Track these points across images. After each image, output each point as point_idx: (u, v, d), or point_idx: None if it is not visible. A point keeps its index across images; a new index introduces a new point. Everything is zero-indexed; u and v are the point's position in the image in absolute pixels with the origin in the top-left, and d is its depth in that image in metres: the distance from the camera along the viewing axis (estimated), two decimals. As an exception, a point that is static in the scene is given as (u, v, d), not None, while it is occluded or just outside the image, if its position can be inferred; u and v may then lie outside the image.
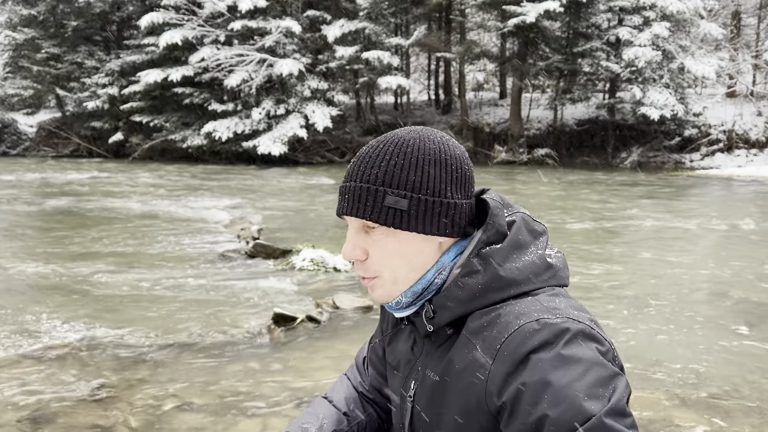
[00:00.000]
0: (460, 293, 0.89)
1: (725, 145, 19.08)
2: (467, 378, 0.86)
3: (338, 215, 0.93)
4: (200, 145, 21.32)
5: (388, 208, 0.89)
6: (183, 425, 2.67)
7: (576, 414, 0.74)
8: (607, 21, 19.97)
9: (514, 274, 0.89)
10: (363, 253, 0.92)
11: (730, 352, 3.62)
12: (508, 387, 0.79)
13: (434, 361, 0.94)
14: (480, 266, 0.89)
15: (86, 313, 4.28)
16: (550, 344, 0.79)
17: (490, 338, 0.84)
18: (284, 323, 3.97)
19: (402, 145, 0.90)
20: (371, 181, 0.89)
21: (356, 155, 0.94)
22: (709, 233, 7.76)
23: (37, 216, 9.39)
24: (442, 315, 0.91)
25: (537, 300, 0.87)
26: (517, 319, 0.83)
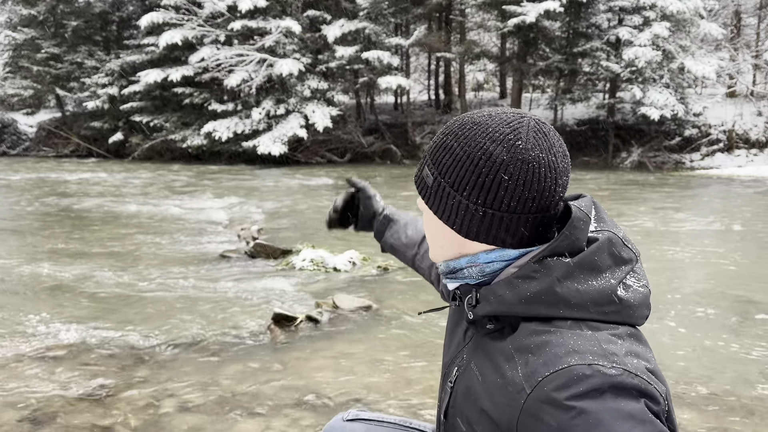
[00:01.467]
0: (506, 293, 0.85)
1: (725, 145, 19.08)
2: (503, 396, 0.80)
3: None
4: (200, 145, 21.32)
5: (422, 179, 0.95)
6: (183, 425, 2.67)
7: None
8: (607, 21, 19.97)
9: (571, 295, 0.81)
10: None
11: (730, 351, 3.62)
12: (541, 424, 0.74)
13: (480, 357, 0.90)
14: (537, 274, 0.83)
15: (86, 313, 4.28)
16: (597, 394, 0.72)
17: (534, 365, 0.77)
18: (284, 323, 3.97)
19: (463, 127, 0.90)
20: (426, 150, 0.96)
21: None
22: (708, 233, 7.76)
23: (37, 216, 9.39)
24: (483, 307, 0.89)
25: (596, 338, 0.78)
26: (569, 357, 0.75)
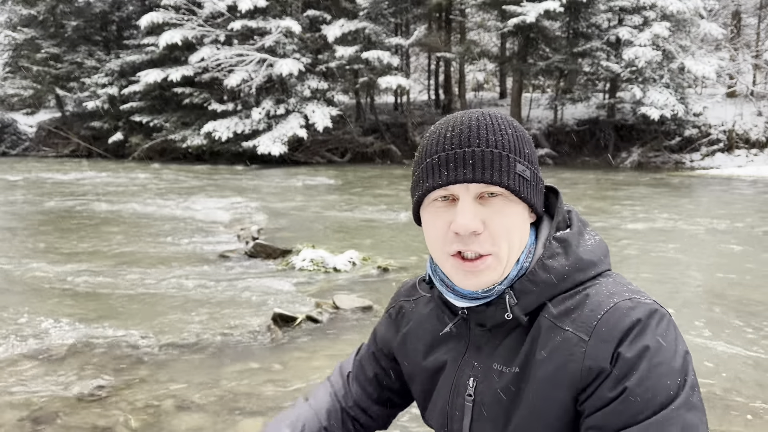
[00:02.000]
0: (547, 276, 0.88)
1: (725, 145, 19.07)
2: (558, 359, 0.84)
3: (447, 184, 0.86)
4: (200, 145, 21.32)
5: (518, 176, 0.86)
6: (183, 425, 2.67)
7: (669, 382, 0.79)
8: (607, 21, 19.96)
9: (592, 255, 0.90)
10: (482, 225, 0.85)
11: (730, 351, 3.62)
12: (606, 356, 0.81)
13: (503, 354, 0.91)
14: (560, 249, 0.90)
15: (86, 313, 4.28)
16: (644, 322, 0.81)
17: (582, 317, 0.84)
18: (284, 323, 3.97)
19: (506, 119, 0.90)
20: (500, 147, 0.86)
21: (452, 125, 0.89)
22: (709, 233, 7.76)
23: (37, 216, 9.39)
24: (527, 300, 0.88)
25: (618, 281, 0.88)
26: (610, 298, 0.84)
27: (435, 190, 0.87)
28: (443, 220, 0.87)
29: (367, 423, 1.16)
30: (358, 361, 1.19)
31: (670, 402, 0.78)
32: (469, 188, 0.85)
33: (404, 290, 1.14)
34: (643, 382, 0.78)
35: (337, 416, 1.14)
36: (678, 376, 0.79)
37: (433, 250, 0.91)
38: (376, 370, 1.15)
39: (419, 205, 0.92)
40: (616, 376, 0.80)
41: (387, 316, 1.14)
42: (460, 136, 0.86)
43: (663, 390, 0.78)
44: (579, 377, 0.82)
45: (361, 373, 1.17)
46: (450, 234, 0.86)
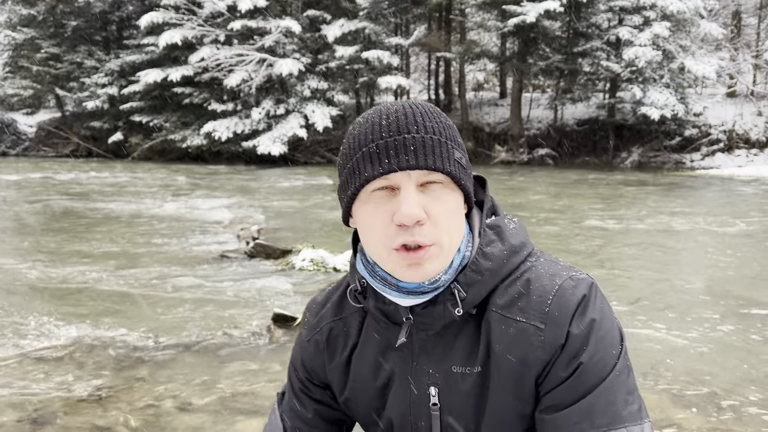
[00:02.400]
0: (490, 264, 0.88)
1: (725, 145, 19.06)
2: (518, 351, 0.85)
3: (389, 172, 0.81)
4: (200, 145, 21.31)
5: (456, 162, 0.85)
6: (183, 425, 2.66)
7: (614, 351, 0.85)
8: (608, 21, 19.95)
9: (520, 237, 0.92)
10: (424, 213, 0.82)
11: (731, 351, 3.61)
12: (562, 337, 0.84)
13: (459, 355, 0.89)
14: (495, 236, 0.90)
15: (86, 313, 4.28)
16: (587, 298, 0.86)
17: (532, 305, 0.85)
18: (284, 323, 3.97)
19: (436, 108, 0.88)
20: (438, 134, 0.84)
21: (385, 113, 0.85)
22: (709, 233, 7.76)
23: (37, 216, 9.38)
24: (475, 292, 0.87)
25: (550, 261, 0.91)
26: (552, 281, 0.87)
27: (375, 180, 0.82)
28: (384, 212, 0.83)
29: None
30: (288, 412, 1.07)
31: (614, 368, 0.84)
32: (411, 176, 0.82)
33: (328, 310, 1.02)
34: (594, 356, 0.83)
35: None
36: (619, 343, 0.86)
37: (374, 245, 0.86)
38: (315, 407, 1.05)
39: (353, 200, 0.86)
40: (571, 354, 0.83)
41: (314, 344, 1.02)
42: (397, 123, 0.83)
43: (610, 359, 0.84)
44: (541, 364, 0.85)
45: (297, 419, 1.05)
46: (392, 227, 0.82)
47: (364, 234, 0.87)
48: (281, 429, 1.05)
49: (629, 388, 0.85)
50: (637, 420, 0.83)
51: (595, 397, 0.82)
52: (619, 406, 0.82)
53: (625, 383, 0.84)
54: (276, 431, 1.06)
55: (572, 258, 6.26)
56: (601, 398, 0.82)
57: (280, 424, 1.06)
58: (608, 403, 0.82)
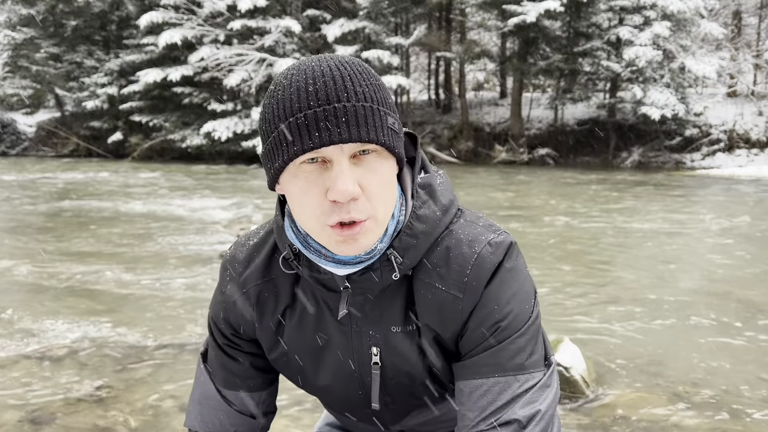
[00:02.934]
0: (424, 227, 0.87)
1: (726, 145, 19.05)
2: (440, 315, 0.89)
3: (321, 146, 0.75)
4: (200, 144, 21.31)
5: (390, 129, 0.80)
6: (182, 425, 2.66)
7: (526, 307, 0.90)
8: (608, 20, 19.95)
9: (448, 195, 0.91)
10: (359, 188, 0.78)
11: (731, 351, 3.61)
12: (477, 301, 0.88)
13: (395, 316, 0.92)
14: (426, 195, 0.89)
15: (86, 313, 4.27)
16: (504, 261, 0.89)
17: (452, 274, 0.88)
18: (284, 323, 3.96)
19: (363, 65, 0.82)
20: (370, 100, 0.78)
21: (311, 74, 0.78)
22: (709, 233, 7.75)
23: (37, 216, 9.38)
24: (411, 255, 0.86)
25: (471, 221, 0.92)
26: (471, 248, 0.88)
27: (305, 154, 0.77)
28: (317, 186, 0.78)
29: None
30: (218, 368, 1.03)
31: (525, 323, 0.89)
32: (344, 149, 0.77)
33: (254, 270, 0.96)
34: (509, 314, 0.88)
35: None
36: (531, 298, 0.91)
37: (307, 219, 0.81)
38: (249, 359, 1.01)
39: (280, 172, 0.80)
40: (485, 313, 0.88)
41: (241, 304, 0.97)
42: (326, 89, 0.76)
43: (522, 315, 0.89)
44: (460, 324, 0.89)
45: (230, 373, 1.02)
46: (326, 203, 0.78)
47: (296, 208, 0.83)
48: (212, 385, 1.02)
49: (536, 342, 0.90)
50: (540, 367, 0.89)
51: (506, 348, 0.87)
52: (526, 355, 0.88)
53: (533, 342, 0.89)
54: (207, 389, 1.03)
55: (570, 259, 6.26)
56: (510, 349, 0.87)
57: (210, 382, 1.03)
58: (517, 352, 0.87)
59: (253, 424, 1.04)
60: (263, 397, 1.04)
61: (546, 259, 6.03)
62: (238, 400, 1.02)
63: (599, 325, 4.05)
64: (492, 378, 0.87)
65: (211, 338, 1.04)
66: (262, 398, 1.04)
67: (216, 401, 1.02)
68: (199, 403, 1.04)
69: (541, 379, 0.89)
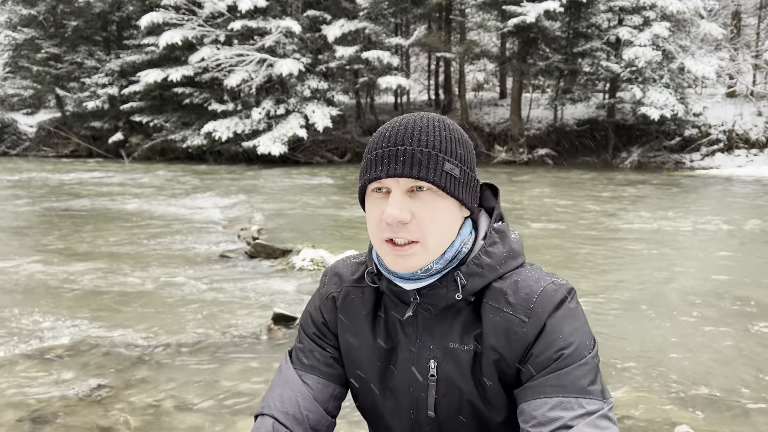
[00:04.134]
0: (490, 261, 1.02)
1: (725, 145, 19.06)
2: (503, 338, 0.99)
3: (382, 177, 0.96)
4: (200, 145, 21.30)
5: (446, 174, 0.97)
6: (182, 425, 2.67)
7: (587, 343, 1.00)
8: (607, 21, 19.95)
9: (518, 246, 1.06)
10: (409, 215, 0.96)
11: (730, 351, 3.62)
12: (540, 327, 0.98)
13: (456, 335, 1.03)
14: (498, 239, 1.04)
15: (86, 313, 4.28)
16: (567, 299, 1.00)
17: (519, 300, 0.99)
18: (284, 323, 3.97)
19: (443, 122, 1.01)
20: (430, 147, 0.96)
21: (393, 125, 0.99)
22: (709, 233, 7.76)
23: (37, 216, 9.39)
24: (474, 281, 1.01)
25: (537, 268, 1.06)
26: (538, 283, 1.01)
27: (372, 183, 0.98)
28: (378, 209, 0.98)
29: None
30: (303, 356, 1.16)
31: (585, 357, 0.97)
32: (400, 182, 0.96)
33: (350, 276, 1.16)
34: (570, 344, 0.97)
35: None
36: (591, 340, 1.00)
37: (371, 235, 1.01)
38: (329, 353, 1.15)
39: (363, 193, 1.02)
40: (548, 341, 0.97)
41: (331, 300, 1.15)
42: (396, 136, 0.97)
43: (582, 348, 0.98)
44: (522, 348, 0.99)
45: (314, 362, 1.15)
46: (383, 223, 0.97)
47: (368, 225, 1.03)
48: (295, 371, 1.15)
49: (596, 375, 0.98)
50: (600, 398, 0.97)
51: (569, 373, 0.96)
52: (587, 382, 0.96)
53: (593, 373, 0.98)
54: (290, 375, 1.15)
55: (570, 259, 6.27)
56: (573, 373, 0.96)
57: (293, 369, 1.16)
58: (578, 378, 0.96)
59: (322, 415, 1.14)
60: (336, 391, 1.16)
61: (545, 259, 6.04)
62: (315, 385, 1.15)
63: (599, 325, 4.05)
64: (556, 397, 0.95)
65: (302, 331, 1.20)
66: (336, 392, 1.16)
67: (296, 383, 1.14)
68: (280, 386, 1.16)
69: (602, 408, 0.95)
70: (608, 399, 0.98)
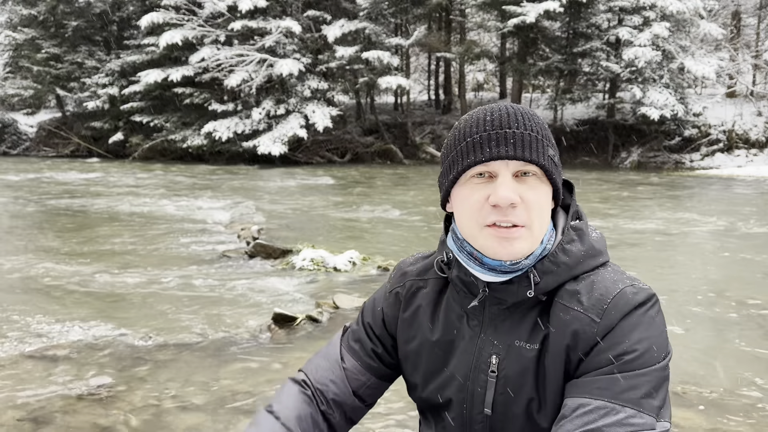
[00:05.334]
0: (567, 259, 0.97)
1: (725, 145, 19.06)
2: (572, 337, 0.94)
3: (488, 160, 0.93)
4: (200, 145, 21.31)
5: (549, 158, 0.95)
6: (182, 425, 2.67)
7: (655, 355, 0.93)
8: (607, 21, 19.95)
9: (600, 245, 1.02)
10: (519, 198, 0.93)
11: (730, 351, 3.62)
12: (611, 328, 0.92)
13: (522, 332, 0.99)
14: (576, 237, 1.00)
15: (86, 313, 4.28)
16: (645, 305, 0.94)
17: (593, 300, 0.94)
18: (284, 323, 3.97)
19: (533, 111, 0.99)
20: (536, 131, 0.95)
21: (489, 111, 0.97)
22: (708, 233, 7.76)
23: (37, 216, 9.39)
24: (548, 280, 0.97)
25: (618, 270, 1.00)
26: (615, 285, 0.96)
27: (475, 166, 0.94)
28: (481, 194, 0.94)
29: (338, 423, 1.14)
30: (353, 338, 1.19)
31: (651, 367, 0.91)
32: (509, 165, 0.93)
33: (414, 270, 1.15)
34: (635, 351, 0.91)
35: (308, 421, 1.10)
36: (663, 352, 0.94)
37: (467, 222, 0.97)
38: (373, 346, 1.17)
39: (453, 184, 0.98)
40: (614, 342, 0.92)
41: (394, 295, 1.15)
42: (500, 119, 0.95)
43: (648, 359, 0.91)
44: (588, 347, 0.93)
45: (358, 347, 1.17)
46: (487, 207, 0.94)
47: (460, 213, 0.99)
48: (340, 347, 1.18)
49: (658, 390, 0.91)
50: (653, 413, 0.89)
51: (624, 379, 0.90)
52: (641, 393, 0.89)
53: (652, 386, 0.90)
54: (334, 349, 1.19)
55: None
56: (628, 381, 0.90)
57: (339, 344, 1.19)
58: (632, 387, 0.89)
59: (350, 397, 1.15)
60: (371, 382, 1.16)
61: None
62: (352, 368, 1.16)
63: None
64: (600, 400, 0.89)
65: (361, 315, 1.21)
66: (370, 382, 1.16)
67: (335, 359, 1.17)
68: (323, 357, 1.19)
69: (649, 426, 0.88)
70: (663, 420, 0.90)
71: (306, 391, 1.14)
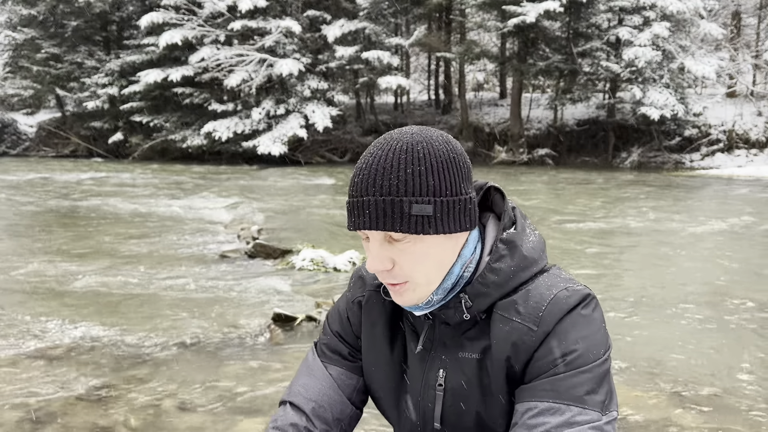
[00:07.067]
0: (495, 278, 0.97)
1: (725, 145, 19.06)
2: (511, 347, 0.96)
3: (354, 230, 0.93)
4: (200, 145, 21.31)
5: (415, 217, 0.90)
6: (183, 425, 2.67)
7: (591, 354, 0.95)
8: (607, 21, 19.95)
9: (533, 253, 1.00)
10: (390, 263, 0.94)
11: (730, 351, 3.62)
12: (552, 338, 0.94)
13: (466, 345, 1.01)
14: (506, 251, 0.98)
15: (86, 313, 4.28)
16: (579, 305, 0.96)
17: (528, 309, 0.96)
18: (284, 323, 3.97)
19: (412, 151, 0.91)
20: (393, 193, 0.90)
21: (361, 166, 0.93)
22: (709, 233, 7.76)
23: (37, 216, 9.39)
24: (480, 302, 0.98)
25: (554, 274, 1.01)
26: (549, 290, 0.97)
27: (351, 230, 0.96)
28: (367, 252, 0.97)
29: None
30: (327, 348, 1.18)
31: (590, 365, 0.93)
32: (374, 233, 0.93)
33: (370, 281, 1.14)
34: (574, 352, 0.93)
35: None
36: (601, 348, 0.96)
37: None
38: (350, 350, 1.16)
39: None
40: (553, 346, 0.94)
41: (357, 304, 1.15)
42: (360, 183, 0.92)
43: (588, 357, 0.94)
44: (529, 358, 0.96)
45: (336, 355, 1.16)
46: None
47: None
48: (320, 361, 1.17)
49: (600, 384, 0.94)
50: (597, 408, 0.92)
51: (566, 379, 0.92)
52: (584, 390, 0.92)
53: (594, 383, 0.93)
54: (315, 364, 1.17)
55: (570, 259, 6.27)
56: (571, 380, 0.92)
57: (318, 358, 1.18)
58: (575, 386, 0.92)
59: (346, 405, 1.15)
60: (360, 384, 1.16)
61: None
62: (339, 375, 1.16)
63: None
64: (546, 402, 0.92)
65: (327, 325, 1.21)
66: (359, 384, 1.16)
67: (321, 373, 1.16)
68: (305, 375, 1.17)
69: (596, 420, 0.91)
70: (609, 412, 0.94)
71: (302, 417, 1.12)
